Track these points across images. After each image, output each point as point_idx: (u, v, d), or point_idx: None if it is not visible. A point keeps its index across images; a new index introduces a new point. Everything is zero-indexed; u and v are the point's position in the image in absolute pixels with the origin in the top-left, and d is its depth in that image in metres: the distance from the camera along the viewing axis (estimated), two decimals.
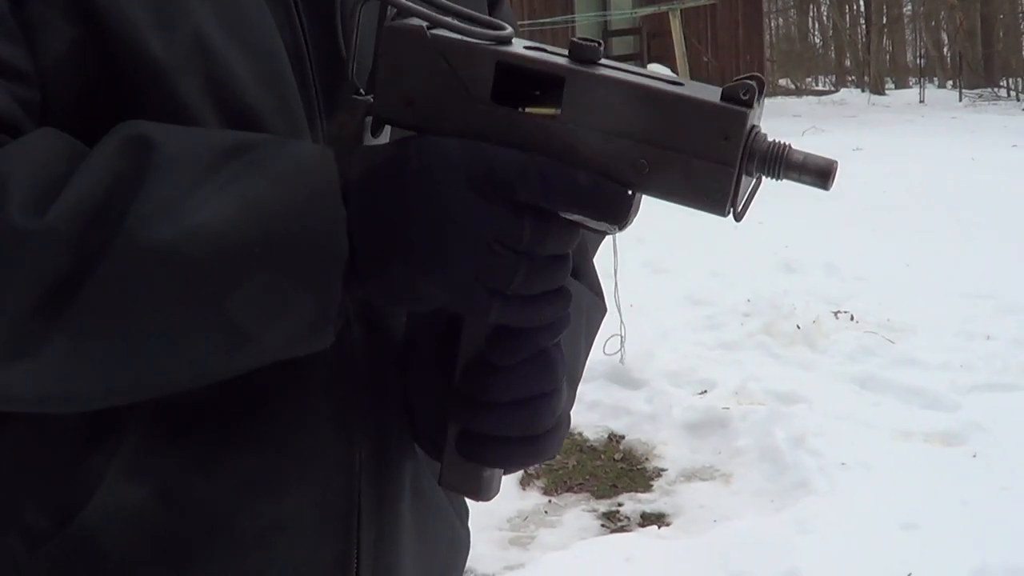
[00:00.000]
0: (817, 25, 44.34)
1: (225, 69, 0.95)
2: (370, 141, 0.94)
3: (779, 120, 21.94)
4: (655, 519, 4.49)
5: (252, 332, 0.86)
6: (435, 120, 0.91)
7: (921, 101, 27.27)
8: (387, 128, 0.96)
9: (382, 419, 1.09)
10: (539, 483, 4.81)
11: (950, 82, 33.08)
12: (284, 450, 1.02)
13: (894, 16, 36.75)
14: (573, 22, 20.41)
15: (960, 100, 27.33)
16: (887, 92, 31.11)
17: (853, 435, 4.98)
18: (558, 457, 4.62)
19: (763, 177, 0.91)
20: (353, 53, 0.93)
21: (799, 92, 31.45)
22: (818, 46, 43.31)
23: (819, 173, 0.89)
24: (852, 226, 9.63)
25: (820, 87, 35.95)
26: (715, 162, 0.87)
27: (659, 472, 4.90)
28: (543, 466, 4.77)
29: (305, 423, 1.03)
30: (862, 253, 8.53)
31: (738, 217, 0.90)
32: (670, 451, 5.06)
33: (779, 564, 3.81)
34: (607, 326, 1.51)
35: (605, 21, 21.87)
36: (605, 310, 1.35)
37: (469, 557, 1.34)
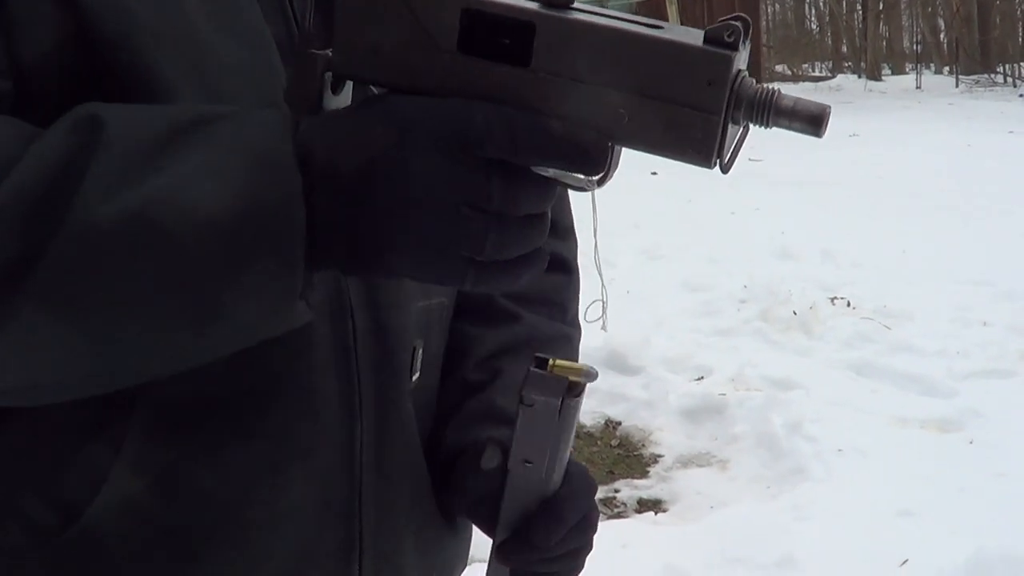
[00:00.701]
0: (813, 11, 44.27)
1: (212, 60, 0.95)
2: (330, 100, 0.89)
3: None
4: (652, 505, 4.49)
5: (211, 308, 0.84)
6: (398, 74, 0.85)
7: (918, 87, 27.25)
8: (348, 85, 0.90)
9: (383, 404, 1.10)
10: None
11: (947, 68, 33.03)
12: (288, 439, 1.02)
13: (890, 2, 36.70)
14: None
15: (956, 86, 27.31)
16: (883, 78, 31.08)
17: (849, 421, 4.98)
18: None
19: (750, 125, 0.86)
20: (311, 7, 0.88)
21: (795, 78, 31.42)
22: (814, 32, 43.26)
23: (810, 119, 0.84)
24: (848, 212, 9.63)
25: (816, 73, 35.90)
26: (699, 110, 0.81)
27: (656, 458, 4.90)
28: None
29: (308, 411, 1.03)
30: (858, 240, 8.53)
31: (725, 169, 0.85)
32: (667, 437, 5.06)
33: (775, 550, 3.81)
34: (588, 292, 1.51)
35: (601, 7, 21.83)
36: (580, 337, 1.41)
37: None
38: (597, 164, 0.84)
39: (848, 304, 6.82)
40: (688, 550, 3.89)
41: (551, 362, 1.03)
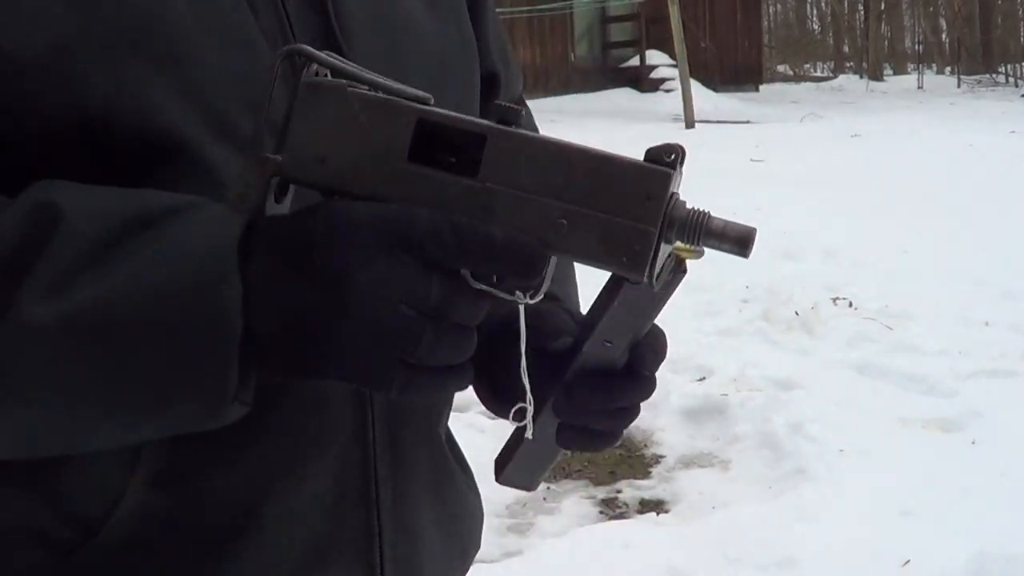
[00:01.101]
0: (815, 11, 44.32)
1: (201, 66, 0.94)
2: (273, 206, 0.89)
3: (777, 106, 21.96)
4: (653, 506, 4.49)
5: (142, 413, 0.85)
6: (348, 180, 0.87)
7: (919, 87, 27.29)
8: (291, 192, 0.91)
9: None
10: None
11: (948, 68, 33.07)
12: (303, 434, 1.04)
13: (892, 2, 36.72)
14: (571, 9, 20.40)
15: (958, 86, 27.35)
16: (885, 78, 31.13)
17: (851, 422, 4.98)
18: None
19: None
20: (266, 110, 0.89)
21: (797, 78, 31.48)
22: (816, 32, 43.30)
23: (739, 241, 0.89)
24: (850, 212, 9.63)
25: (818, 73, 35.95)
26: (637, 222, 0.86)
27: (657, 459, 4.90)
28: None
29: (318, 405, 1.04)
30: (860, 239, 8.53)
31: (653, 286, 0.89)
32: (668, 438, 5.06)
33: (777, 551, 3.81)
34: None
35: (603, 7, 21.86)
36: None
37: None
38: (536, 272, 0.86)
39: (850, 304, 6.82)
40: (690, 550, 3.89)
41: None
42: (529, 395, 0.98)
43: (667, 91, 20.46)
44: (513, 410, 1.00)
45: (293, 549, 1.05)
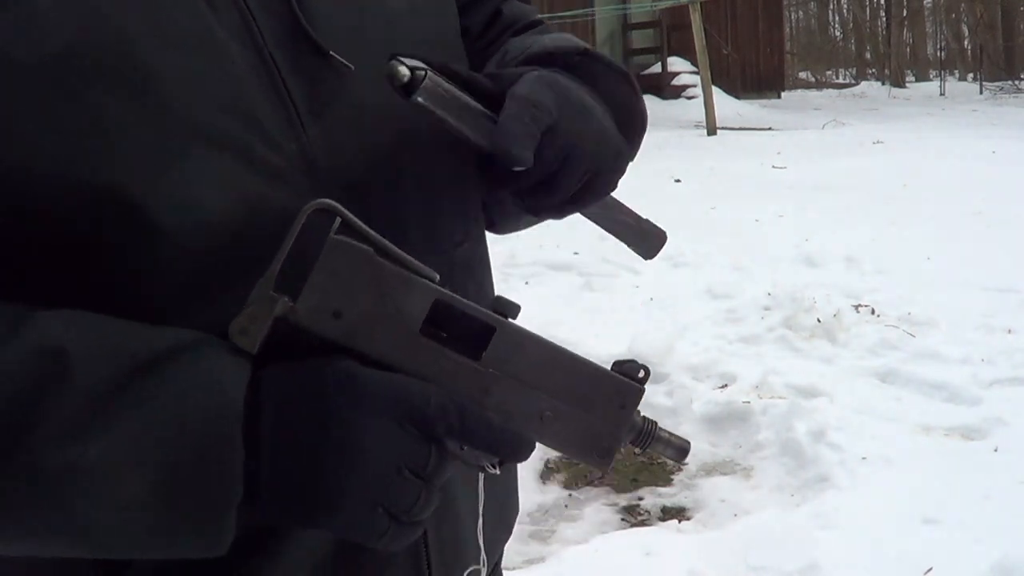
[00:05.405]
0: (837, 18, 44.22)
1: (157, 78, 0.93)
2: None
3: (800, 114, 21.91)
4: (675, 513, 4.49)
5: (136, 550, 0.90)
6: (359, 339, 0.94)
7: (942, 94, 27.21)
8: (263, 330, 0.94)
9: None
10: (559, 477, 4.81)
11: (971, 75, 32.96)
12: None
13: (914, 9, 36.64)
14: (593, 16, 20.39)
15: (981, 93, 27.26)
16: (907, 85, 31.05)
17: (874, 429, 4.97)
18: None
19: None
20: (285, 249, 0.93)
21: (819, 85, 31.40)
22: (838, 39, 43.19)
23: (679, 450, 1.10)
24: (873, 219, 9.60)
25: (840, 80, 35.85)
26: (610, 424, 1.02)
27: (679, 466, 4.90)
28: (563, 460, 4.78)
29: None
30: (883, 247, 8.51)
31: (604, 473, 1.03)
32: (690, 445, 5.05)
33: (800, 558, 3.80)
34: None
35: (625, 14, 21.85)
36: None
37: None
38: (523, 458, 0.98)
39: (872, 311, 6.80)
40: (712, 558, 3.89)
41: None
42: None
43: (689, 98, 20.44)
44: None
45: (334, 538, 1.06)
